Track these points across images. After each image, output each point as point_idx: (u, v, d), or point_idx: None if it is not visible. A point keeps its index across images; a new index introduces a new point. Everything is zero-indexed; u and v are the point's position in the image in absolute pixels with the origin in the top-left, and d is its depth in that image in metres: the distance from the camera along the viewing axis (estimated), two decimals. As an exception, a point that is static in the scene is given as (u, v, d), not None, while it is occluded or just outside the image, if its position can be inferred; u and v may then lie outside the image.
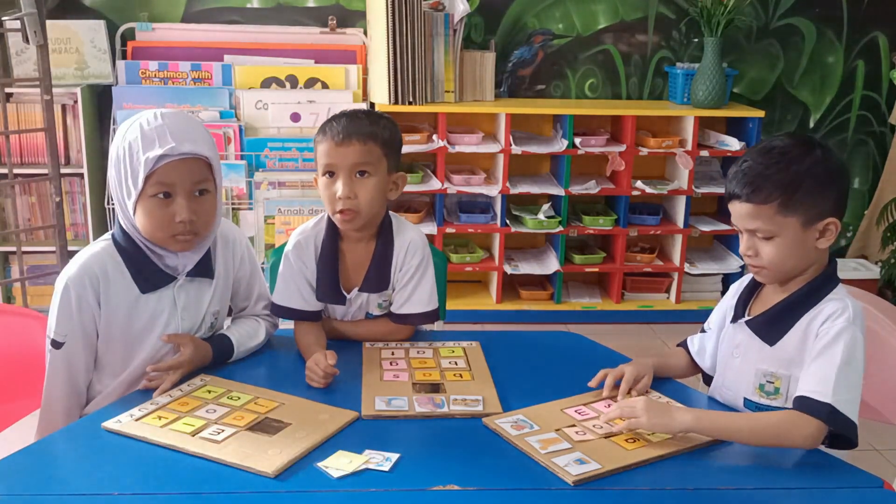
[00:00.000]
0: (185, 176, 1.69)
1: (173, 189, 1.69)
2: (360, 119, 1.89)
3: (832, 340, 1.55)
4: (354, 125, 1.87)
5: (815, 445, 1.52)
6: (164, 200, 1.69)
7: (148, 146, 1.66)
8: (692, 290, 4.15)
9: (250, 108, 3.78)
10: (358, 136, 1.85)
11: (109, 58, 3.85)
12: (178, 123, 1.71)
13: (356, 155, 1.85)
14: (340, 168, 1.86)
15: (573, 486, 1.40)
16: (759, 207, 1.57)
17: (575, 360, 1.94)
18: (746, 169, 1.59)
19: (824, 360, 1.54)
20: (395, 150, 1.93)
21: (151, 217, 1.70)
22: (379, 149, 1.87)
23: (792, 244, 1.58)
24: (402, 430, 1.58)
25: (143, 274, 1.76)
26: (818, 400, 1.51)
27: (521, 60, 4.16)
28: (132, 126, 1.70)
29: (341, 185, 1.86)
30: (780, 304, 1.64)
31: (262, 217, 3.73)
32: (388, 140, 1.90)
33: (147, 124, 1.68)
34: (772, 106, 4.32)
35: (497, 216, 3.99)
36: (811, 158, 1.57)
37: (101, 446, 1.49)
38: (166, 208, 1.69)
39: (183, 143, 1.68)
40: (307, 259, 1.95)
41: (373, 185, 1.87)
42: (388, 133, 1.90)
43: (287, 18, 4.02)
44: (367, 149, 1.86)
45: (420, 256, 1.97)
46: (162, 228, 1.70)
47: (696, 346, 1.84)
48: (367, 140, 1.86)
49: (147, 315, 1.77)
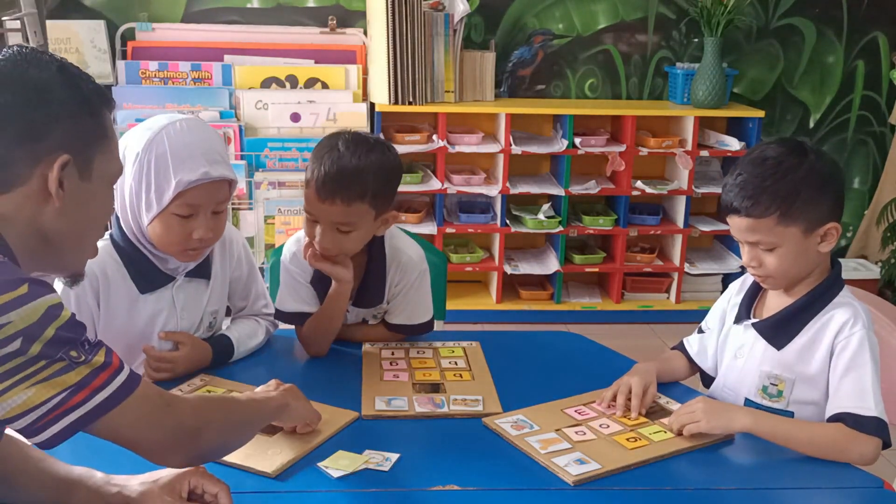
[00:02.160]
0: (211, 198, 1.69)
1: (196, 210, 1.68)
2: (350, 170, 1.72)
3: (857, 351, 1.56)
4: (342, 180, 1.71)
5: (872, 462, 1.51)
6: (184, 219, 1.68)
7: (179, 167, 1.64)
8: (692, 290, 4.15)
9: (250, 108, 3.78)
10: (343, 196, 1.71)
11: (109, 58, 3.84)
12: (206, 141, 1.69)
13: (338, 215, 1.73)
14: (322, 221, 1.76)
15: (573, 486, 1.40)
16: (758, 221, 1.57)
17: (575, 360, 1.94)
18: (742, 182, 1.58)
19: (857, 373, 1.55)
20: (387, 197, 1.79)
21: (169, 232, 1.68)
22: (366, 205, 1.74)
23: (795, 252, 1.58)
24: (402, 430, 1.58)
25: (143, 274, 1.76)
26: (866, 416, 1.51)
27: (521, 60, 4.16)
28: (157, 136, 1.66)
29: (321, 235, 1.76)
30: (789, 308, 1.64)
31: (262, 217, 3.73)
32: (379, 191, 1.75)
33: (176, 137, 1.65)
34: (772, 106, 4.32)
35: (497, 216, 3.99)
36: (806, 166, 1.56)
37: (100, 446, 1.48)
38: (185, 225, 1.68)
39: (215, 166, 1.67)
40: (304, 267, 1.90)
41: (354, 238, 1.78)
42: (380, 182, 1.75)
43: (287, 18, 4.02)
44: (351, 209, 1.73)
45: (415, 273, 1.92)
46: (176, 243, 1.70)
47: (695, 347, 1.83)
48: (353, 200, 1.72)
49: (146, 315, 1.77)
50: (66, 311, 1.09)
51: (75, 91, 1.18)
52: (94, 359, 1.10)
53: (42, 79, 1.15)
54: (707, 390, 1.81)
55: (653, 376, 1.70)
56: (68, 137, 1.16)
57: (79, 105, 1.17)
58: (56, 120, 1.15)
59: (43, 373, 1.05)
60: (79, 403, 1.08)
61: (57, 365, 1.06)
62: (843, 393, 1.56)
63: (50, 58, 1.18)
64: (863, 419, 1.51)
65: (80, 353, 1.08)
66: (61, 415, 1.07)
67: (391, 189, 1.81)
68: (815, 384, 1.61)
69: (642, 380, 1.66)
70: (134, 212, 1.71)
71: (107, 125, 1.22)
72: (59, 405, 1.06)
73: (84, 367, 1.08)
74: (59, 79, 1.16)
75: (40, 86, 1.15)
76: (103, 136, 1.21)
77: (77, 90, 1.18)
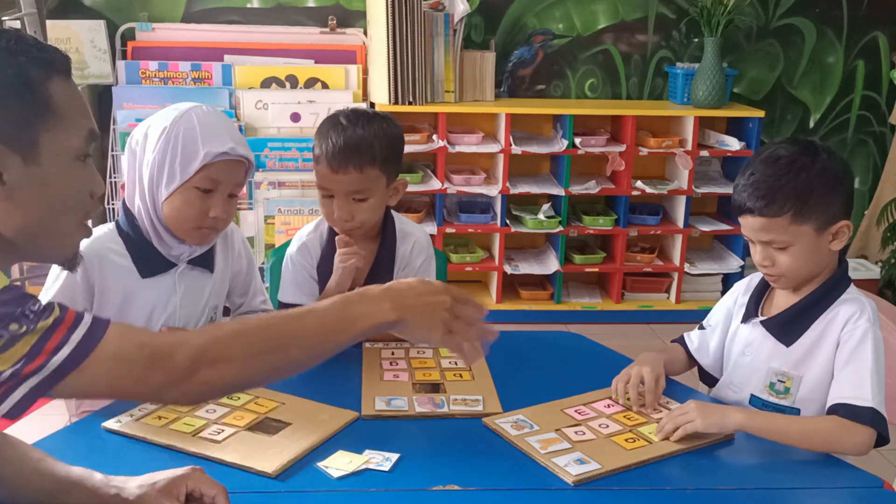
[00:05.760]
0: (231, 176, 1.73)
1: (216, 186, 1.71)
2: (356, 140, 1.83)
3: (859, 343, 1.56)
4: (350, 149, 1.82)
5: (866, 452, 1.51)
6: (203, 194, 1.70)
7: (208, 140, 1.68)
8: (692, 290, 4.15)
9: (250, 108, 3.78)
10: (355, 163, 1.81)
11: (109, 58, 3.84)
12: (230, 123, 1.77)
13: (352, 183, 1.83)
14: (337, 192, 1.85)
15: (573, 486, 1.40)
16: (772, 220, 1.57)
17: (575, 360, 1.94)
18: (755, 182, 1.58)
19: (856, 364, 1.55)
20: (394, 163, 1.89)
21: (187, 206, 1.70)
22: (377, 170, 1.84)
23: (808, 251, 1.59)
24: (402, 430, 1.58)
25: (144, 258, 1.76)
26: (861, 406, 1.51)
27: (521, 60, 4.16)
28: (185, 114, 1.70)
29: (337, 208, 1.85)
30: (797, 305, 1.65)
31: (262, 217, 3.73)
32: (387, 157, 1.86)
33: (203, 116, 1.70)
34: (772, 106, 4.32)
35: (497, 216, 3.99)
36: (818, 165, 1.57)
37: (100, 446, 1.49)
38: (203, 202, 1.71)
39: (239, 144, 1.72)
40: (312, 260, 1.96)
41: (370, 206, 1.87)
42: (386, 148, 1.86)
43: (287, 18, 4.02)
44: (364, 176, 1.83)
45: (424, 256, 1.99)
46: (192, 220, 1.71)
47: (695, 343, 1.83)
48: (365, 166, 1.82)
49: (144, 301, 1.77)
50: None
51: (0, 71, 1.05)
52: (40, 324, 1.00)
53: None
54: (706, 388, 1.81)
55: (662, 367, 1.69)
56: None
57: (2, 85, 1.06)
58: None
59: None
60: (35, 370, 0.99)
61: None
62: (842, 383, 1.56)
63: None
64: (858, 409, 1.51)
65: (21, 324, 0.99)
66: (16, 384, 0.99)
67: (397, 155, 1.90)
68: (822, 381, 1.61)
69: (654, 371, 1.65)
70: (152, 186, 1.71)
71: (53, 97, 1.09)
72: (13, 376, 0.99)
73: (31, 336, 0.99)
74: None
75: None
76: (48, 110, 1.09)
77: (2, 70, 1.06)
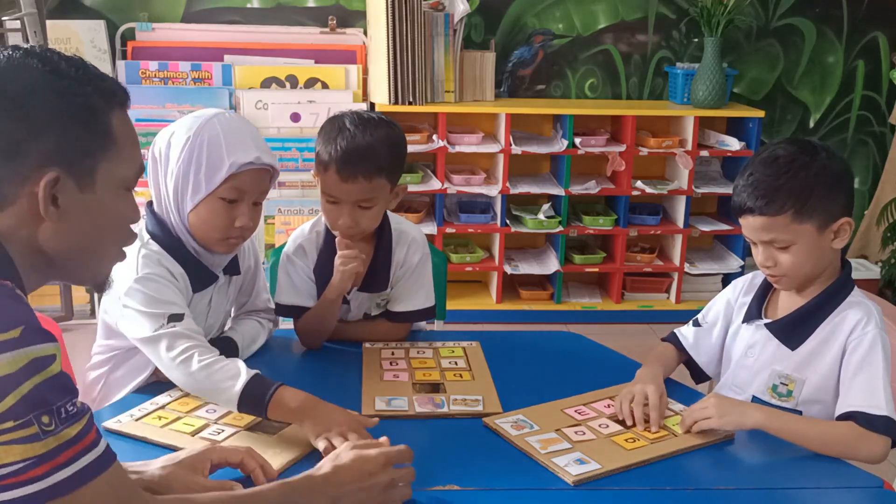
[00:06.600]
0: (257, 186, 1.71)
1: (242, 196, 1.69)
2: (364, 147, 1.79)
3: (869, 350, 1.57)
4: (360, 158, 1.78)
5: (881, 461, 1.51)
6: (229, 204, 1.68)
7: (233, 149, 1.65)
8: (692, 290, 4.15)
9: (250, 108, 3.78)
10: (364, 173, 1.78)
11: (109, 58, 3.84)
12: (254, 130, 1.74)
13: (361, 192, 1.80)
14: (343, 201, 1.82)
15: (573, 486, 1.40)
16: (773, 219, 1.57)
17: (575, 360, 1.94)
18: (755, 182, 1.58)
19: (868, 372, 1.55)
20: (399, 171, 1.88)
21: (214, 216, 1.68)
22: (384, 179, 1.82)
23: (809, 249, 1.59)
24: (402, 430, 1.58)
25: (195, 273, 1.75)
26: (876, 414, 1.51)
27: (521, 60, 4.16)
28: (209, 121, 1.67)
29: (343, 215, 1.83)
30: (802, 309, 1.65)
31: (263, 217, 3.72)
32: (393, 165, 1.84)
33: (227, 123, 1.68)
34: (772, 106, 4.32)
35: (497, 216, 3.99)
36: (818, 163, 1.57)
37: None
38: (230, 212, 1.69)
39: (264, 153, 1.70)
40: (309, 262, 1.96)
41: (375, 213, 1.86)
42: (393, 157, 1.84)
43: (287, 18, 4.02)
44: (372, 185, 1.80)
45: (420, 254, 1.98)
46: (219, 230, 1.70)
47: (690, 339, 1.82)
48: (374, 176, 1.79)
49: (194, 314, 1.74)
50: (54, 366, 0.99)
51: (66, 98, 1.07)
52: (65, 431, 0.99)
53: (23, 88, 1.05)
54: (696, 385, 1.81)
55: (663, 382, 1.67)
56: (56, 151, 1.06)
57: (70, 113, 1.06)
58: (39, 134, 1.04)
59: (7, 435, 0.95)
60: (35, 478, 0.97)
61: (24, 431, 0.96)
62: (855, 391, 1.56)
63: (41, 61, 1.07)
64: (874, 418, 1.51)
65: (52, 421, 0.98)
66: (13, 485, 0.96)
67: (401, 161, 1.89)
68: (825, 384, 1.62)
69: (658, 389, 1.62)
70: (177, 197, 1.69)
71: (113, 128, 1.11)
72: (15, 474, 0.96)
73: (52, 440, 0.98)
74: (48, 85, 1.06)
75: (20, 96, 1.05)
76: (108, 141, 1.10)
77: (69, 96, 1.07)
